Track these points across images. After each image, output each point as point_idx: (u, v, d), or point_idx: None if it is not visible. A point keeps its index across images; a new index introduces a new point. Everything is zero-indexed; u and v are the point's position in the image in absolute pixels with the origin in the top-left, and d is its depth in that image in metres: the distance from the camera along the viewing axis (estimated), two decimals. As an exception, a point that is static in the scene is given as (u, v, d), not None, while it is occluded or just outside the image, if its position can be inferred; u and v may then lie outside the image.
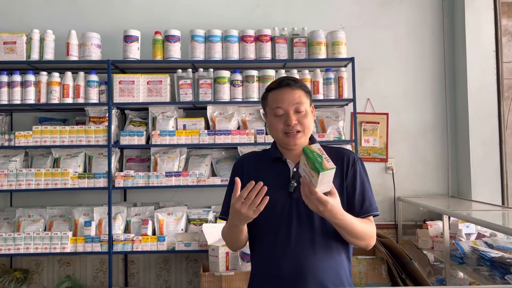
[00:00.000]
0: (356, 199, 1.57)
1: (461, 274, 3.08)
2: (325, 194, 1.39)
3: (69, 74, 3.29)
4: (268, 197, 1.40)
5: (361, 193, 1.58)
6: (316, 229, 1.54)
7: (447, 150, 3.70)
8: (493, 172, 3.49)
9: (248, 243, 1.68)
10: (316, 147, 1.41)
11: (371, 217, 1.60)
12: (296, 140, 1.59)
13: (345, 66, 3.44)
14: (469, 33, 3.54)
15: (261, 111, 3.36)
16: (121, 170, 3.42)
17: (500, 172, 3.49)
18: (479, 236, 3.08)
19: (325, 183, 1.37)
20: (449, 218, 2.95)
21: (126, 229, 3.28)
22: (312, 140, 1.67)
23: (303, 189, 1.39)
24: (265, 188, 1.39)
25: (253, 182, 1.40)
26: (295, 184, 1.55)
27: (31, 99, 3.23)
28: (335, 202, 1.40)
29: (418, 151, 3.70)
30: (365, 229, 1.53)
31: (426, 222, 3.37)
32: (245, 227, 1.55)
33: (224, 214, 1.66)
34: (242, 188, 1.43)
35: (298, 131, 1.58)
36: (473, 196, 3.44)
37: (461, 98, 3.61)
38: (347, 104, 3.50)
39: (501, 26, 3.58)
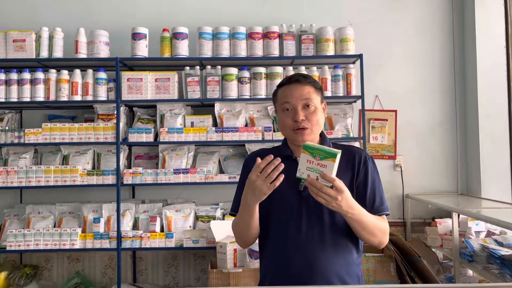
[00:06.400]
0: (367, 198, 1.56)
1: (470, 272, 3.06)
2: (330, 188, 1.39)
3: (77, 71, 3.30)
4: (283, 175, 1.39)
5: (372, 192, 1.57)
6: (326, 226, 1.54)
7: (457, 147, 3.67)
8: (503, 169, 3.45)
9: (258, 240, 1.67)
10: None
11: (384, 216, 1.58)
12: (304, 137, 1.57)
13: (353, 62, 3.42)
14: (479, 29, 3.50)
15: (270, 108, 3.38)
16: (129, 167, 3.44)
17: (510, 169, 3.45)
18: (489, 234, 3.06)
19: (334, 170, 1.39)
20: (458, 215, 2.93)
21: (135, 226, 3.30)
22: (323, 137, 1.66)
23: (311, 189, 1.38)
24: (282, 165, 1.38)
25: (272, 156, 1.40)
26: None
27: (40, 96, 3.26)
28: (348, 192, 1.40)
29: (427, 148, 3.67)
30: (379, 225, 1.52)
31: (435, 219, 3.35)
32: (257, 215, 1.51)
33: (234, 210, 1.66)
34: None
35: (305, 128, 1.57)
36: (483, 194, 3.41)
37: (471, 95, 3.58)
38: (355, 101, 3.49)
39: (512, 21, 3.54)
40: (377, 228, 1.51)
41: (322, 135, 1.67)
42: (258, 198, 1.44)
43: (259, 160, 1.43)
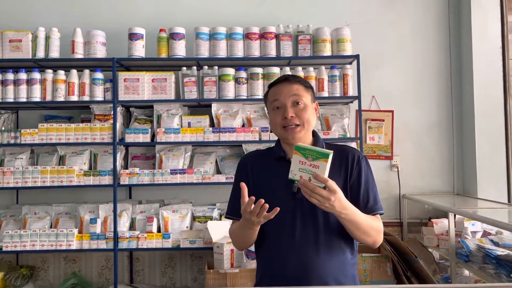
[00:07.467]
0: (360, 198, 1.56)
1: (466, 272, 3.07)
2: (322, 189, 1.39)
3: (74, 72, 3.30)
4: (278, 208, 1.40)
5: (366, 192, 1.57)
6: (320, 228, 1.54)
7: (453, 147, 3.68)
8: (499, 169, 3.46)
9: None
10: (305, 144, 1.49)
11: (378, 215, 1.58)
12: (295, 134, 1.57)
13: (350, 63, 3.43)
14: (475, 30, 3.51)
15: (265, 109, 3.39)
16: (126, 167, 3.43)
17: (506, 170, 3.47)
18: (485, 234, 3.07)
19: (327, 171, 1.38)
20: (454, 216, 2.93)
21: (131, 227, 3.30)
22: (316, 137, 1.66)
23: (304, 190, 1.38)
24: (266, 205, 1.38)
25: (253, 199, 1.40)
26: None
27: (36, 96, 3.25)
28: (341, 192, 1.40)
29: (423, 149, 3.68)
30: (372, 224, 1.52)
31: (432, 220, 3.36)
32: (257, 229, 1.54)
33: (230, 214, 1.67)
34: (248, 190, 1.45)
35: (297, 125, 1.57)
36: (479, 194, 3.42)
37: (467, 95, 3.59)
38: (352, 102, 3.49)
39: (508, 22, 3.55)
40: (371, 227, 1.51)
41: (315, 135, 1.67)
42: (257, 225, 1.47)
43: (243, 186, 1.43)
